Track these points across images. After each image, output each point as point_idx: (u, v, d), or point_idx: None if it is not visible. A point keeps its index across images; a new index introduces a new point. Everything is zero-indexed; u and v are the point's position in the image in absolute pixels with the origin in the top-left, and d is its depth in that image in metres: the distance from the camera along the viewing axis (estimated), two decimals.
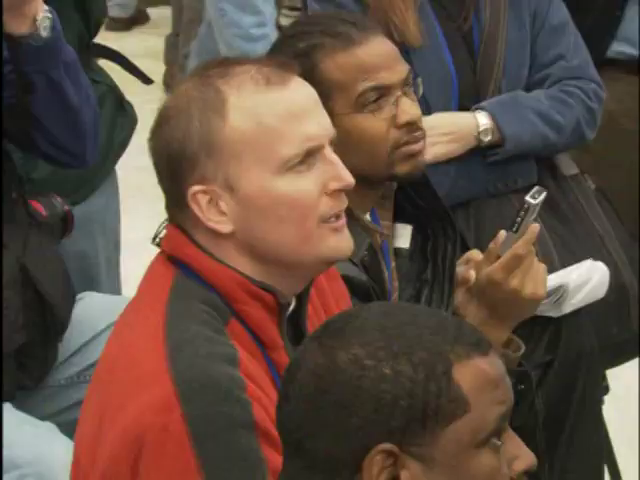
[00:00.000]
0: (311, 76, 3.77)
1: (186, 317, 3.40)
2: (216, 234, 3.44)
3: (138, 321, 3.56)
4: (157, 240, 3.61)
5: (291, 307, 3.49)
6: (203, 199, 3.40)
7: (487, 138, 5.01)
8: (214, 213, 3.40)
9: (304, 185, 3.43)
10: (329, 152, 3.48)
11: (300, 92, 3.55)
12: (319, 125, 3.49)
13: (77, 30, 5.17)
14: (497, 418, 2.67)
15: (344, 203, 3.54)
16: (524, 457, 2.73)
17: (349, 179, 3.50)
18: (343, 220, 3.53)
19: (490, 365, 2.72)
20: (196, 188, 3.39)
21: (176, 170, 3.45)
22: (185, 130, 3.48)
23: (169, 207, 3.56)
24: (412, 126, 4.29)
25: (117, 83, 5.70)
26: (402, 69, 4.30)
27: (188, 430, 3.12)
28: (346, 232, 3.57)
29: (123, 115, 5.40)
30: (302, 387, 2.72)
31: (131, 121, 5.50)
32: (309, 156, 3.40)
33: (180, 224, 3.50)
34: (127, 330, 3.61)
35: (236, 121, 3.45)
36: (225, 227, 3.41)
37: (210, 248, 3.48)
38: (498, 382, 2.71)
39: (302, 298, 3.56)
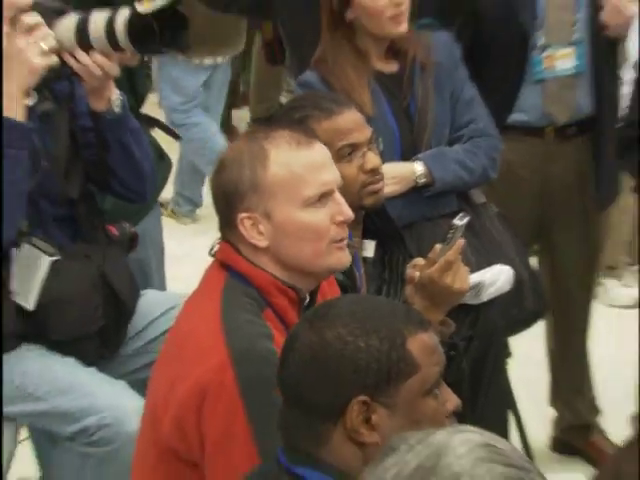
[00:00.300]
0: None
1: (235, 306, 3.99)
2: (256, 248, 4.03)
3: (199, 310, 4.12)
4: (212, 252, 4.18)
5: (306, 301, 4.08)
6: (248, 223, 3.99)
7: (422, 180, 5.55)
8: (255, 233, 3.99)
9: (319, 217, 4.06)
10: (337, 194, 4.13)
11: (319, 152, 4.14)
12: (332, 176, 4.13)
13: (130, 104, 5.33)
14: (436, 375, 3.26)
15: (346, 231, 4.18)
16: (453, 401, 3.30)
17: (350, 214, 4.15)
18: (345, 242, 4.17)
19: (430, 338, 3.31)
20: (243, 215, 3.99)
21: (230, 202, 4.05)
22: (238, 175, 4.05)
23: (222, 227, 4.17)
24: (375, 171, 4.90)
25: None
26: (368, 131, 4.91)
27: (238, 385, 3.67)
28: (347, 250, 4.20)
29: (162, 162, 5.74)
30: (300, 355, 3.27)
31: (168, 167, 5.96)
32: (323, 197, 4.05)
33: (229, 240, 4.09)
34: (191, 316, 4.18)
35: (274, 170, 4.03)
36: (262, 243, 4.01)
37: (251, 258, 4.05)
38: (435, 350, 3.30)
39: (314, 294, 4.16)
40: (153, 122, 5.56)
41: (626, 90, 5.75)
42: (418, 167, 5.50)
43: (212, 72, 9.89)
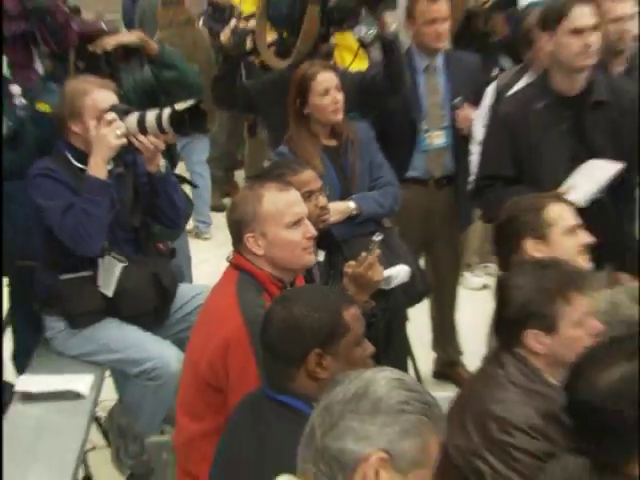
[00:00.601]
0: None
1: (245, 291, 3.90)
2: (256, 255, 3.96)
3: (222, 295, 4.02)
4: (229, 258, 4.07)
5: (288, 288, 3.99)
6: (251, 240, 3.93)
7: (354, 212, 5.37)
8: (255, 246, 3.94)
9: (296, 234, 3.98)
10: (306, 220, 4.05)
11: (294, 194, 4.06)
12: (302, 209, 4.05)
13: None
14: (361, 333, 3.27)
15: (312, 243, 4.07)
16: (370, 349, 3.29)
17: (314, 232, 4.07)
18: (311, 249, 4.07)
19: (356, 310, 3.30)
20: (248, 235, 3.93)
21: (239, 227, 3.98)
22: (244, 210, 3.97)
23: (234, 243, 4.08)
24: (324, 208, 4.76)
25: None
26: (319, 183, 4.76)
27: (250, 340, 3.59)
28: (312, 254, 4.12)
29: (188, 201, 5.44)
30: (274, 324, 3.29)
31: (191, 206, 5.64)
32: (297, 222, 3.98)
33: (239, 251, 4.03)
34: (217, 298, 4.09)
35: (266, 207, 3.95)
36: (260, 252, 3.94)
37: (253, 262, 3.97)
38: (360, 318, 3.30)
39: (292, 284, 4.08)
40: (181, 178, 5.56)
41: (474, 158, 5.74)
42: (351, 204, 5.37)
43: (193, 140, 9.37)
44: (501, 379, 3.28)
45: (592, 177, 4.88)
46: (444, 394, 3.51)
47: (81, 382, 4.57)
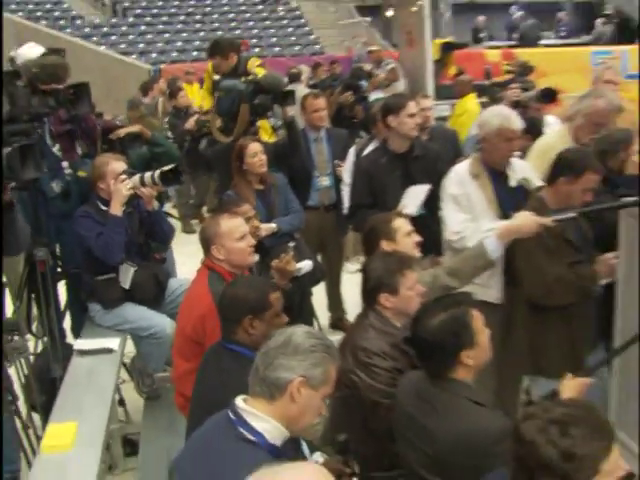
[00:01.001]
0: None
1: (213, 281, 3.76)
2: (219, 259, 3.86)
3: (198, 285, 3.88)
4: (202, 262, 3.95)
5: None
6: (215, 250, 3.84)
7: (276, 230, 5.23)
8: (218, 253, 3.85)
9: (243, 244, 3.92)
10: (248, 234, 4.00)
11: (240, 220, 4.01)
12: (245, 228, 3.99)
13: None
14: (280, 308, 3.18)
15: (253, 249, 4.00)
16: (285, 319, 3.16)
17: (254, 242, 4.02)
18: (253, 253, 4.00)
19: (277, 293, 3.21)
20: (213, 247, 3.86)
21: (207, 243, 3.86)
22: (209, 232, 3.92)
23: (205, 252, 3.94)
24: (258, 227, 4.76)
25: None
26: (253, 211, 4.71)
27: (217, 312, 3.33)
28: (255, 255, 4.07)
29: (171, 227, 5.11)
30: (226, 296, 3.20)
31: (173, 229, 5.17)
32: (243, 236, 3.91)
33: (208, 257, 3.91)
34: (195, 287, 3.93)
35: (223, 228, 3.89)
36: (221, 257, 3.86)
37: (217, 263, 3.87)
38: (280, 299, 3.20)
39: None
40: (167, 213, 5.52)
41: (345, 193, 5.76)
42: (273, 225, 5.23)
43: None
44: (365, 325, 3.28)
45: (414, 197, 4.89)
46: (337, 337, 3.50)
47: (113, 342, 4.50)
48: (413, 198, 4.91)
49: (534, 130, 5.71)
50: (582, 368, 3.19)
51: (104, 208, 4.68)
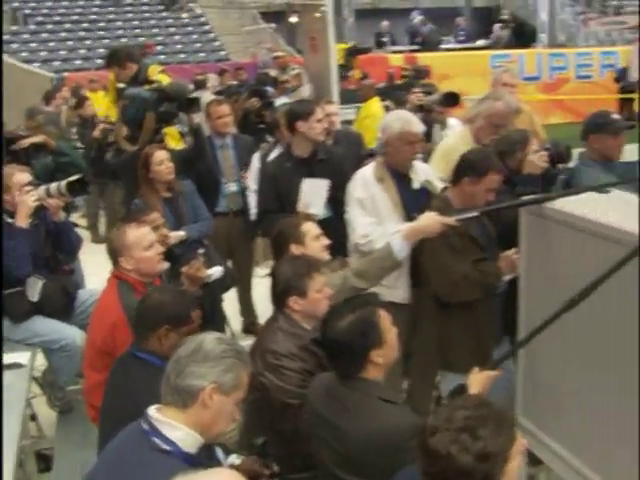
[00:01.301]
0: None
1: (123, 291, 3.74)
2: (127, 269, 3.83)
3: (108, 295, 3.83)
4: (111, 272, 3.90)
5: None
6: (124, 260, 3.80)
7: (185, 237, 5.17)
8: (127, 263, 3.81)
9: (152, 252, 3.89)
10: (156, 244, 3.95)
11: (147, 229, 3.97)
12: (153, 237, 3.95)
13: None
14: (193, 318, 3.16)
15: (162, 257, 3.96)
16: (198, 320, 3.17)
17: (162, 249, 4.00)
18: (162, 260, 3.97)
19: (198, 313, 3.22)
20: (121, 258, 3.82)
21: (115, 254, 3.81)
22: (117, 243, 3.85)
23: (113, 263, 3.90)
24: (167, 235, 4.75)
25: None
26: (161, 220, 4.72)
27: (128, 320, 3.43)
28: (164, 264, 4.05)
29: (79, 238, 5.13)
30: (145, 305, 3.17)
31: (81, 240, 5.13)
32: (151, 245, 3.88)
33: (117, 267, 3.86)
34: (104, 297, 3.87)
35: (131, 238, 3.85)
36: (130, 267, 3.82)
37: (127, 273, 3.83)
38: (199, 315, 3.21)
39: (152, 284, 3.87)
40: (74, 224, 5.43)
41: (252, 199, 5.74)
42: (182, 233, 5.18)
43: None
44: (274, 328, 3.29)
45: (315, 194, 4.94)
46: (249, 342, 3.51)
47: (22, 357, 4.46)
48: (314, 196, 4.95)
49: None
50: (488, 362, 3.24)
51: (10, 220, 4.59)
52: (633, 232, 2.75)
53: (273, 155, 5.69)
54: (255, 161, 6.07)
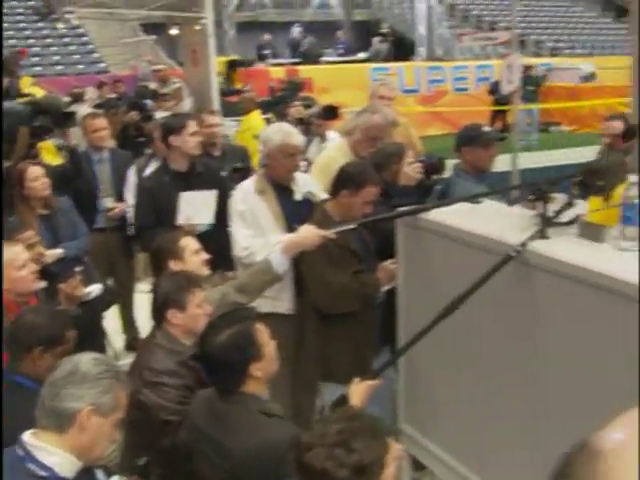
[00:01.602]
0: None
1: None
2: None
3: None
4: None
5: None
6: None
7: (62, 255, 5.03)
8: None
9: (25, 272, 3.71)
10: (29, 262, 3.77)
11: (20, 247, 3.78)
12: (26, 255, 3.76)
13: None
14: (72, 346, 3.02)
15: (37, 275, 3.81)
16: (72, 341, 3.05)
17: (36, 268, 3.83)
18: (37, 279, 3.83)
19: (73, 333, 3.09)
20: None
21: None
22: None
23: None
24: (42, 254, 4.59)
25: None
26: (37, 238, 4.53)
27: None
28: (38, 282, 3.87)
29: None
30: (17, 326, 3.05)
31: None
32: (24, 264, 3.69)
33: None
34: None
35: (4, 256, 3.61)
36: (5, 287, 3.57)
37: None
38: (74, 335, 3.08)
39: (26, 303, 3.68)
40: None
41: (130, 215, 5.69)
42: (58, 251, 5.01)
43: None
44: (152, 345, 3.26)
45: (201, 205, 4.95)
46: (131, 359, 3.48)
47: None
48: (200, 207, 4.97)
49: None
50: (368, 371, 3.29)
51: None
52: (504, 241, 2.83)
53: (149, 169, 5.67)
54: (131, 175, 6.06)
